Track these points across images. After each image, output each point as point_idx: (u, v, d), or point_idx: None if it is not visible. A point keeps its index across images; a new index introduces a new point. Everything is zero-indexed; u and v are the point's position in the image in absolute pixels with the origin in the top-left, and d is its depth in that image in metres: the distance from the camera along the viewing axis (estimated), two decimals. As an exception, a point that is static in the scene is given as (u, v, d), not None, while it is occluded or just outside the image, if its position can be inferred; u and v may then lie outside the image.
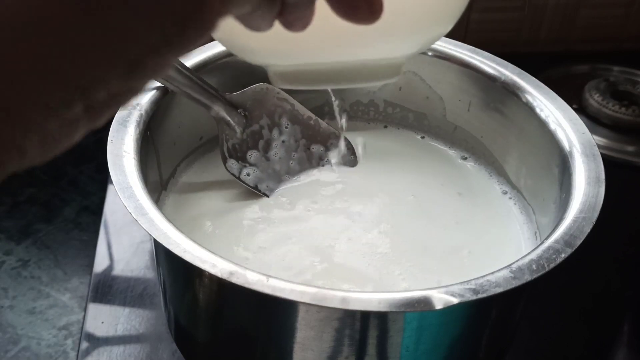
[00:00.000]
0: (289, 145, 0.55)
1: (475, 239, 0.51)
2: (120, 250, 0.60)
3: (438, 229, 0.52)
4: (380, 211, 0.53)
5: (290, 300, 0.36)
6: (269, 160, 0.54)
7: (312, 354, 0.41)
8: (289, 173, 0.55)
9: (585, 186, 0.45)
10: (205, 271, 0.37)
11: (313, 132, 0.56)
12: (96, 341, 0.53)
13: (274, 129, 0.55)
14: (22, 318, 0.58)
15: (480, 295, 0.37)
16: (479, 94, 0.56)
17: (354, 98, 0.61)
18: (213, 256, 0.38)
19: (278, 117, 0.55)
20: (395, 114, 0.61)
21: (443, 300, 0.36)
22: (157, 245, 0.43)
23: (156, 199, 0.50)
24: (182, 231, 0.39)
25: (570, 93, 0.68)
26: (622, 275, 0.62)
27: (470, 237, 0.52)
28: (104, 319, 0.54)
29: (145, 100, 0.49)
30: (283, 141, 0.55)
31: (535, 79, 0.54)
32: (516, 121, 0.54)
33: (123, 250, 0.60)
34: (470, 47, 0.57)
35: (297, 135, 0.55)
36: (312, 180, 0.55)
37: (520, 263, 0.39)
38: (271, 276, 0.37)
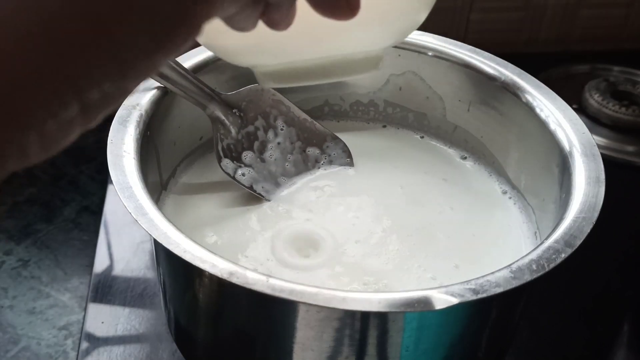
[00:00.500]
0: (284, 147, 0.55)
1: (475, 238, 0.52)
2: (120, 250, 0.60)
3: (439, 222, 0.52)
4: (380, 210, 0.53)
5: (290, 300, 0.36)
6: (265, 161, 0.54)
7: (312, 354, 0.41)
8: (285, 175, 0.54)
9: (585, 186, 0.45)
10: (205, 271, 0.37)
11: (309, 134, 0.56)
12: (96, 341, 0.53)
13: (270, 130, 0.55)
14: (22, 318, 0.58)
15: (480, 295, 0.37)
16: (479, 94, 0.56)
17: (354, 98, 0.61)
18: (213, 256, 0.38)
19: (273, 119, 0.55)
20: (395, 114, 0.61)
21: (443, 300, 0.36)
22: (157, 245, 0.43)
23: (156, 199, 0.50)
24: (183, 231, 0.40)
25: (570, 93, 0.68)
26: (622, 275, 0.62)
27: (470, 235, 0.52)
28: (104, 319, 0.54)
29: (145, 100, 0.49)
30: (278, 143, 0.55)
31: (535, 79, 0.54)
32: (516, 121, 0.54)
33: (123, 250, 0.60)
34: (470, 47, 0.57)
35: (293, 138, 0.55)
36: (309, 185, 0.55)
37: (520, 263, 0.39)
38: (271, 276, 0.37)
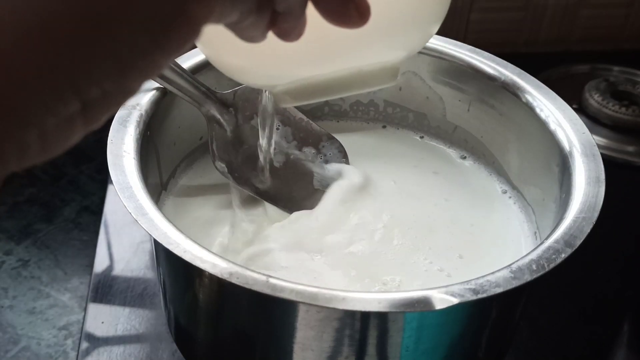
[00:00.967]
0: (280, 147, 0.55)
1: (474, 237, 0.52)
2: (120, 250, 0.60)
3: (438, 215, 0.53)
4: (379, 209, 0.53)
5: (290, 300, 0.36)
6: (253, 154, 0.53)
7: (312, 354, 0.41)
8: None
9: (585, 186, 0.45)
10: (205, 271, 0.37)
11: (305, 134, 0.56)
12: (96, 341, 0.53)
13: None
14: (22, 318, 0.59)
15: (480, 295, 0.37)
16: (479, 94, 0.56)
17: (354, 98, 0.61)
18: (213, 256, 0.38)
19: None
20: (395, 114, 0.61)
21: (443, 300, 0.36)
22: (157, 245, 0.43)
23: (156, 199, 0.50)
24: (183, 231, 0.40)
25: (570, 93, 0.68)
26: (622, 275, 0.62)
27: (469, 234, 0.52)
28: (104, 319, 0.54)
29: (145, 100, 0.49)
30: (274, 142, 0.54)
31: (535, 79, 0.54)
32: (516, 121, 0.54)
33: (123, 250, 0.60)
34: (470, 47, 0.57)
35: (289, 137, 0.55)
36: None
37: (520, 263, 0.39)
38: (271, 276, 0.37)
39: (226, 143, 0.52)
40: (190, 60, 0.53)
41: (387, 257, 0.49)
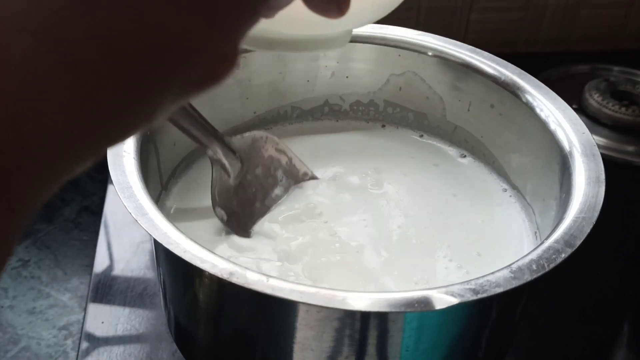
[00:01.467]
0: (279, 197, 0.54)
1: (473, 234, 0.52)
2: (120, 250, 0.60)
3: (445, 217, 0.53)
4: (383, 210, 0.53)
5: (290, 300, 0.36)
6: (253, 205, 0.52)
7: (312, 354, 0.41)
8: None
9: (585, 186, 0.45)
10: (205, 271, 0.37)
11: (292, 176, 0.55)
12: (96, 341, 0.53)
13: (269, 178, 0.53)
14: (22, 318, 0.59)
15: (480, 295, 0.37)
16: (479, 94, 0.56)
17: (354, 98, 0.61)
18: (213, 256, 0.38)
19: (274, 170, 0.53)
20: (395, 113, 0.61)
21: (443, 300, 0.36)
22: (157, 245, 0.43)
23: (156, 199, 0.50)
24: (182, 231, 0.40)
25: (570, 93, 0.68)
26: (622, 275, 0.62)
27: (467, 233, 0.52)
28: (104, 319, 0.54)
29: (145, 100, 0.49)
30: (276, 195, 0.53)
31: (535, 79, 0.54)
32: (516, 121, 0.54)
33: (123, 250, 0.60)
34: (470, 47, 0.57)
35: (290, 189, 0.54)
36: (303, 201, 0.54)
37: (520, 263, 0.39)
38: (271, 276, 0.37)
39: (228, 189, 0.51)
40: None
41: (409, 255, 0.49)
